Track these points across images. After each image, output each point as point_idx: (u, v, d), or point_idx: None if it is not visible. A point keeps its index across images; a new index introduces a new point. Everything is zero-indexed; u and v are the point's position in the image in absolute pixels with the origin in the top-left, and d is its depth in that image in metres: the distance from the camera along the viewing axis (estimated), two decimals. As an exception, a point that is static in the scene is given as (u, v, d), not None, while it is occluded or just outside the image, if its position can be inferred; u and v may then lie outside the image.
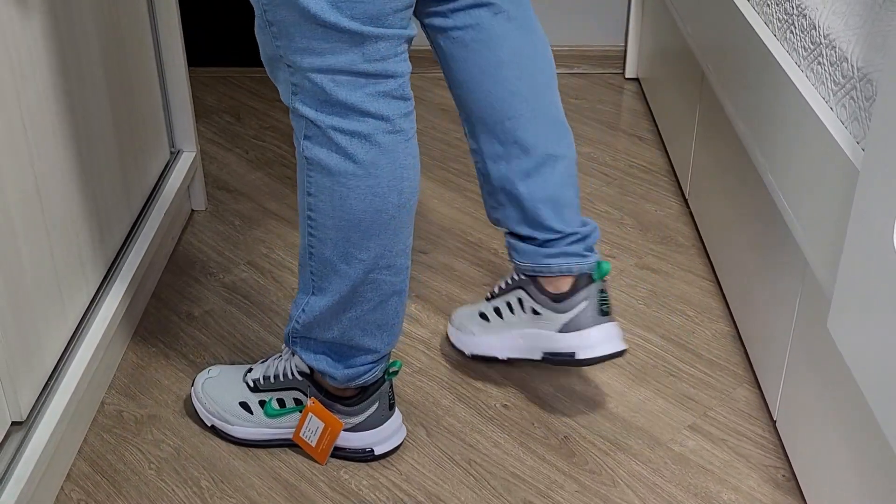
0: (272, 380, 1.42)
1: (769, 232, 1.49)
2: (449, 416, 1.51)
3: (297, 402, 1.40)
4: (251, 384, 1.43)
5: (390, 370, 1.39)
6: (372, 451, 1.41)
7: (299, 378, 1.39)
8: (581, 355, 1.42)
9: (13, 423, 1.29)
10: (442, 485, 1.39)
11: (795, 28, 1.37)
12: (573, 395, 1.55)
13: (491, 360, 1.57)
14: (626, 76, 2.60)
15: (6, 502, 1.20)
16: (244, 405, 1.43)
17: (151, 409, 1.52)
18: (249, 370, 1.45)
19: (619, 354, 1.43)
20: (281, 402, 1.41)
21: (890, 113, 0.97)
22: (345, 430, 1.39)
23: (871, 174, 1.01)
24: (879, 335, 0.99)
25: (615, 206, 2.03)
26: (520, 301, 1.49)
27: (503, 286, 1.53)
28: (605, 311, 1.43)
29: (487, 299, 1.56)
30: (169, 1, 1.80)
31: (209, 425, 1.46)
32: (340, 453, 1.42)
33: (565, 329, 1.43)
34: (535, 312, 1.46)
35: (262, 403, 1.42)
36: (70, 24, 1.43)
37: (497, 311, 1.53)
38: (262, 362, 1.45)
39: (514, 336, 1.51)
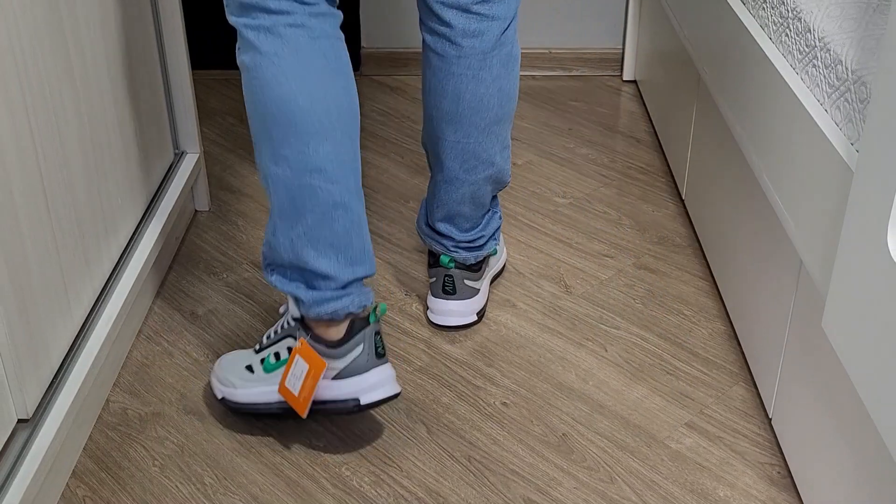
0: (272, 336, 1.44)
1: (765, 232, 1.49)
2: (449, 413, 1.51)
3: (290, 350, 1.40)
4: (256, 348, 1.46)
5: (375, 311, 1.38)
6: (357, 400, 1.36)
7: (292, 323, 1.39)
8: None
9: (19, 421, 1.29)
10: (442, 481, 1.39)
11: (790, 31, 1.37)
12: (571, 393, 1.55)
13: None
14: (624, 78, 2.60)
15: (13, 498, 1.20)
16: (248, 367, 1.45)
17: (156, 406, 1.52)
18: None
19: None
20: (276, 356, 1.42)
21: (884, 115, 0.97)
22: (330, 378, 1.36)
23: (865, 175, 1.01)
24: (873, 334, 0.99)
25: (613, 207, 2.03)
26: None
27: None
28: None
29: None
30: (173, 5, 1.80)
31: (219, 398, 1.46)
32: (327, 406, 1.38)
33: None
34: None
35: (262, 361, 1.44)
36: (76, 28, 1.43)
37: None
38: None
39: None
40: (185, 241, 1.92)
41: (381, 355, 1.39)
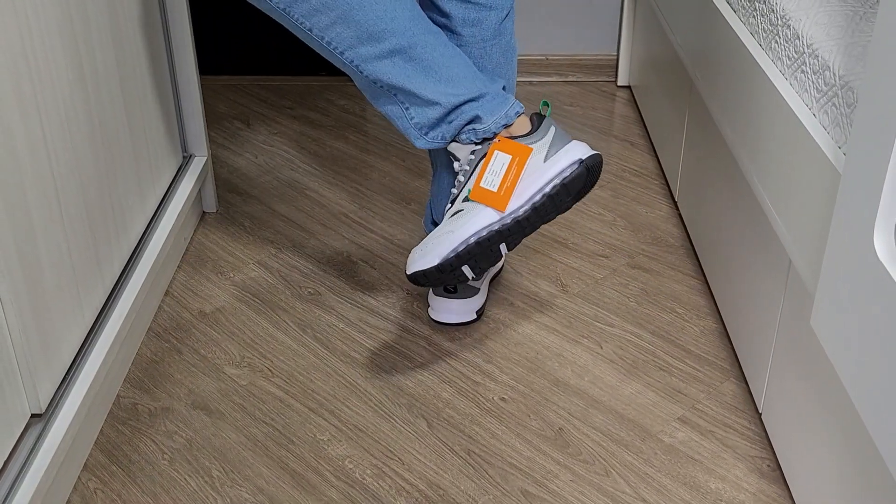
0: (458, 191, 1.39)
1: (755, 233, 1.48)
2: (449, 408, 1.51)
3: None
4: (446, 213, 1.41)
5: (546, 105, 1.36)
6: (580, 159, 1.32)
7: (477, 146, 1.35)
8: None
9: (32, 416, 1.29)
10: (442, 474, 1.39)
11: (780, 38, 1.37)
12: (568, 388, 1.55)
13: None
14: (618, 84, 2.60)
15: (26, 491, 1.20)
16: (453, 199, 1.42)
17: (165, 401, 1.52)
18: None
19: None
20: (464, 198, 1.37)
21: (870, 119, 0.97)
22: (542, 161, 1.31)
23: (852, 177, 1.01)
24: (860, 331, 0.99)
25: (608, 209, 2.03)
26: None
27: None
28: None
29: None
30: (181, 13, 1.80)
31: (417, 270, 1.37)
32: (557, 182, 1.31)
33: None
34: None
35: (455, 198, 1.40)
36: (87, 36, 1.43)
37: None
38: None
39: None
40: (193, 242, 1.92)
41: (564, 137, 1.35)
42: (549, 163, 1.33)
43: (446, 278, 1.38)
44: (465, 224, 1.36)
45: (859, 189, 0.99)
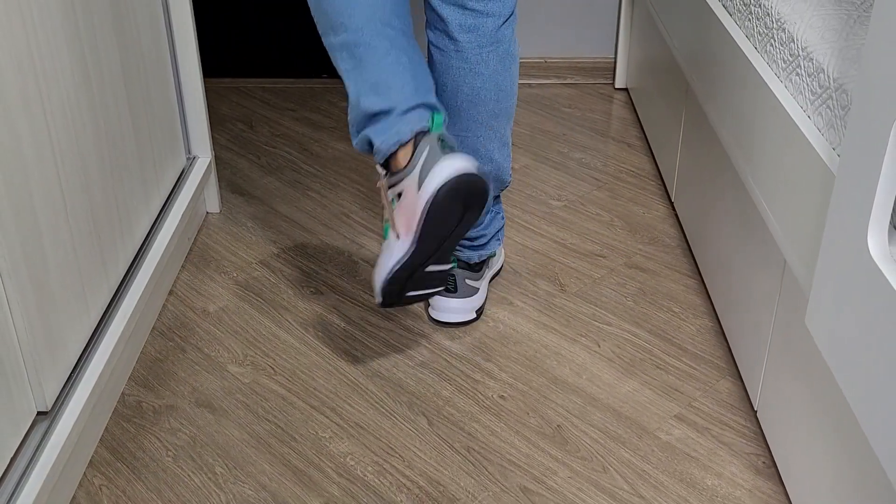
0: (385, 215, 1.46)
1: (750, 233, 1.48)
2: (449, 406, 1.51)
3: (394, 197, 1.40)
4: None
5: (434, 120, 1.38)
6: (445, 181, 1.33)
7: (384, 182, 1.40)
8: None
9: (39, 413, 1.29)
10: (442, 471, 1.39)
11: (775, 41, 1.37)
12: (566, 386, 1.55)
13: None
14: (616, 86, 2.60)
15: (33, 487, 1.20)
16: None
17: (169, 399, 1.52)
18: None
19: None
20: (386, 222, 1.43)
21: (864, 121, 0.97)
22: (416, 191, 1.34)
23: (846, 178, 1.01)
24: (854, 330, 0.99)
25: (605, 209, 2.03)
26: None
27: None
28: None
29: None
30: (185, 16, 1.80)
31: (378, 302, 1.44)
32: (427, 210, 1.34)
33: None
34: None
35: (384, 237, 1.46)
36: (92, 39, 1.43)
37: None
38: None
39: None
40: (196, 242, 1.92)
41: (451, 149, 1.37)
42: (420, 192, 1.34)
43: (407, 301, 1.44)
44: (383, 259, 1.41)
45: (853, 190, 0.99)
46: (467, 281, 1.66)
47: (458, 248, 1.64)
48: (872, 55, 0.95)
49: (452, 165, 1.33)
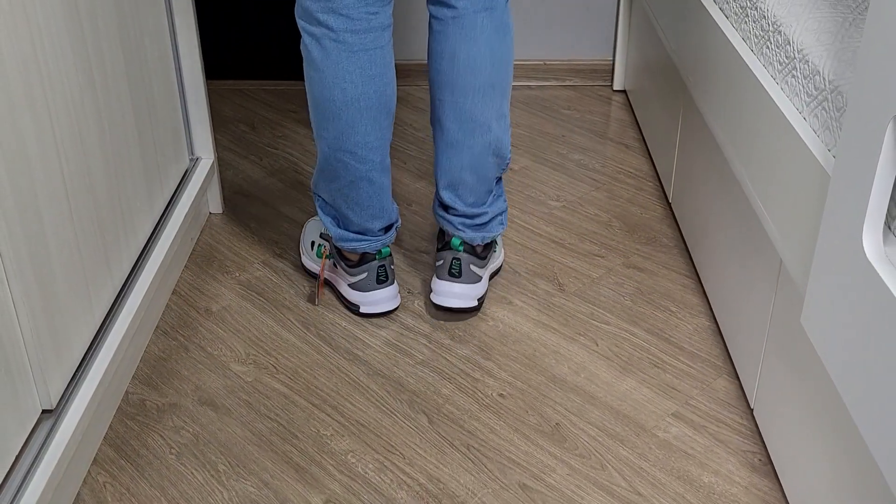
0: (324, 232, 1.78)
1: (747, 233, 1.49)
2: (449, 404, 1.51)
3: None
4: (322, 232, 1.79)
5: (381, 252, 1.66)
6: (358, 307, 1.69)
7: (327, 234, 1.74)
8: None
9: (43, 411, 1.29)
10: (442, 468, 1.39)
11: (771, 44, 1.37)
12: (564, 385, 1.55)
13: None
14: (614, 88, 2.60)
15: (37, 485, 1.20)
16: (313, 243, 1.80)
17: (172, 398, 1.52)
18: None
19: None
20: (321, 248, 1.77)
21: (859, 123, 0.97)
22: (348, 285, 1.70)
23: (841, 179, 1.01)
24: (849, 329, 0.99)
25: (604, 209, 2.03)
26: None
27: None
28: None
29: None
30: (188, 19, 1.80)
31: (301, 260, 1.83)
32: (342, 301, 1.73)
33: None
34: None
35: (314, 245, 1.80)
36: (97, 42, 1.43)
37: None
38: None
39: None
40: (199, 242, 1.92)
41: (381, 281, 1.67)
42: (350, 290, 1.70)
43: None
44: (309, 261, 1.82)
45: (848, 190, 0.99)
46: (472, 267, 1.66)
47: (459, 228, 1.66)
48: (867, 58, 0.95)
49: (375, 305, 1.68)
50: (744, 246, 1.50)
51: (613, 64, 2.59)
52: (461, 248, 1.65)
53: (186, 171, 1.89)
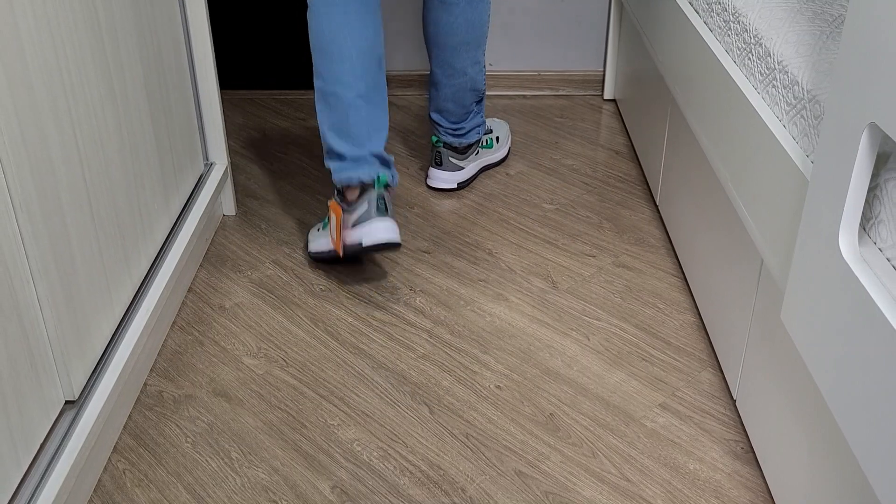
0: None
1: (730, 234, 1.49)
2: (449, 395, 1.51)
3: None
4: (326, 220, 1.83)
5: (379, 178, 1.69)
6: (360, 243, 1.65)
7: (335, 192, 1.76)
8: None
9: (67, 402, 1.29)
10: (443, 456, 1.39)
11: (752, 55, 1.37)
12: (558, 377, 1.55)
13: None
14: (605, 98, 2.60)
15: (61, 472, 1.20)
16: (317, 228, 1.85)
17: (188, 389, 1.52)
18: None
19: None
20: (328, 219, 1.79)
21: (835, 129, 0.97)
22: (350, 227, 1.66)
23: (819, 184, 1.01)
24: (827, 325, 0.99)
25: (595, 212, 2.03)
26: None
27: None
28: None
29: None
30: (203, 31, 1.80)
31: (308, 249, 1.84)
32: (347, 251, 1.67)
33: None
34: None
35: (322, 223, 1.84)
36: (117, 55, 1.43)
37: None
38: None
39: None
40: (213, 243, 1.92)
41: (381, 211, 1.67)
42: (351, 232, 1.67)
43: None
44: (317, 236, 1.83)
45: (825, 194, 0.99)
46: (451, 159, 2.05)
47: (444, 135, 2.02)
48: (844, 68, 0.95)
49: (375, 235, 1.65)
50: (727, 246, 1.50)
51: (604, 75, 2.59)
52: (440, 144, 2.04)
53: (201, 176, 1.89)
